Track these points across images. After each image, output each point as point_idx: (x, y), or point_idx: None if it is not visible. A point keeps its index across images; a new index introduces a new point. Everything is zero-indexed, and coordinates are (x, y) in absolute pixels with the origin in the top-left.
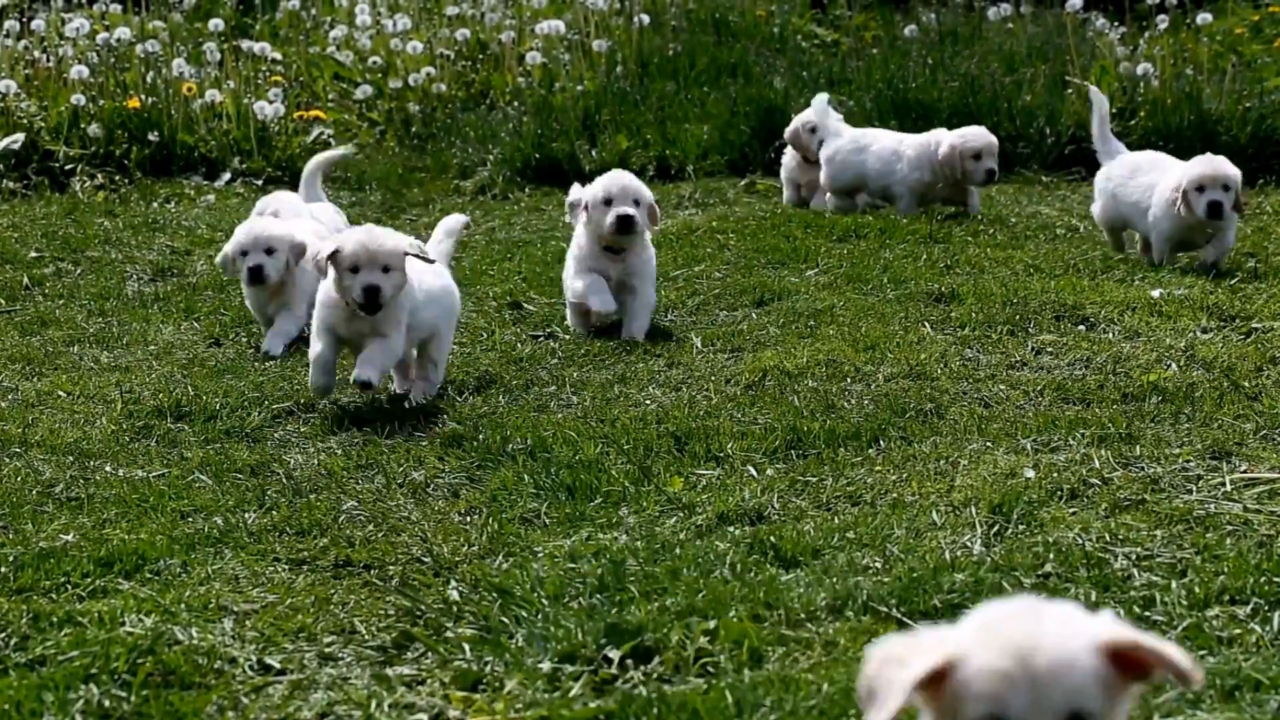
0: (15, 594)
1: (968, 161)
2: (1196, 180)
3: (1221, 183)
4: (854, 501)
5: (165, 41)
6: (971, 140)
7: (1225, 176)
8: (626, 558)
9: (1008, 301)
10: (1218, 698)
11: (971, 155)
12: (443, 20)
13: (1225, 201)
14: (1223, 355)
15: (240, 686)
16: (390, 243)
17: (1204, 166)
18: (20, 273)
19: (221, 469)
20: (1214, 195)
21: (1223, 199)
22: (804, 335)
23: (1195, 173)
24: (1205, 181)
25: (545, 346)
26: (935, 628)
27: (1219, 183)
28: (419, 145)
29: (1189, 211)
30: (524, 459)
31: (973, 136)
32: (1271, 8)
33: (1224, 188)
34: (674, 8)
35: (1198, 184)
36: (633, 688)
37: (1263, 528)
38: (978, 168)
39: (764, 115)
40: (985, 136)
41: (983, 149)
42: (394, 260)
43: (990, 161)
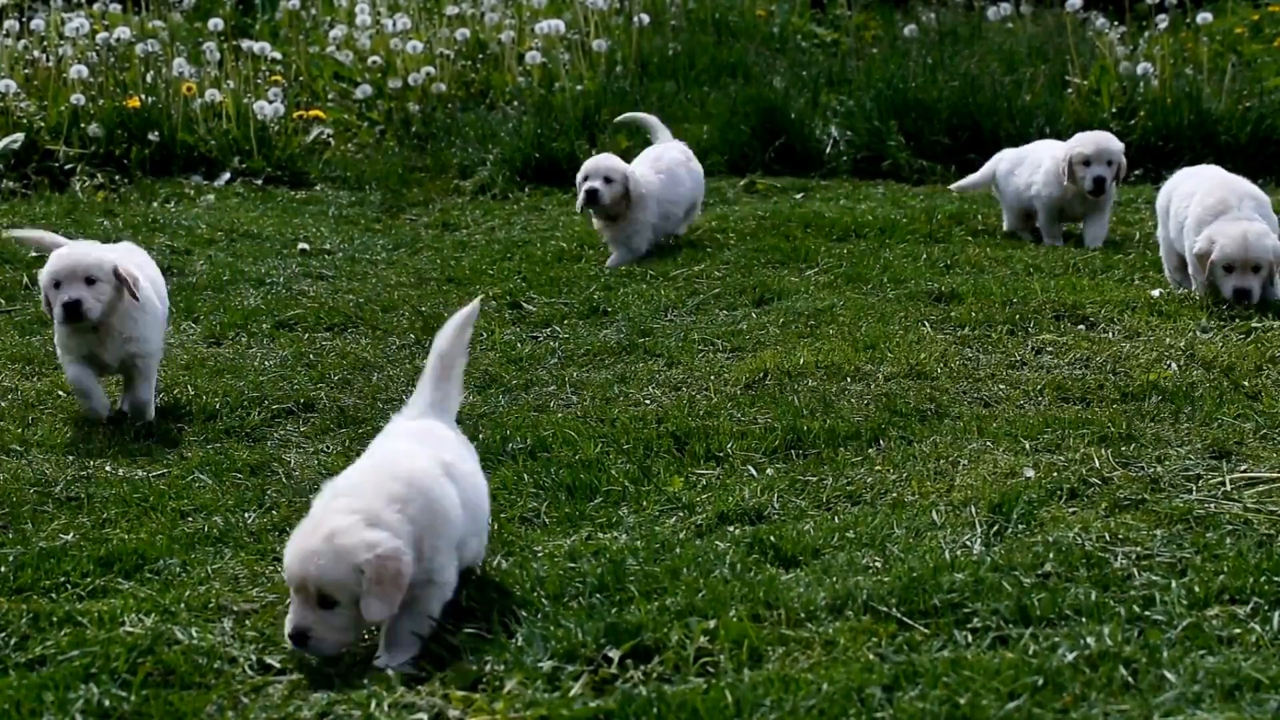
0: (15, 593)
1: (1078, 168)
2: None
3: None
4: (854, 501)
5: (165, 41)
6: (1080, 144)
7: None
8: (626, 557)
9: (1007, 301)
10: (1218, 697)
11: (1081, 161)
12: (442, 20)
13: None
14: (1222, 354)
15: (240, 686)
16: (93, 256)
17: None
18: (20, 272)
19: (221, 469)
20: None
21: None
22: (804, 335)
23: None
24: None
25: (545, 346)
26: None
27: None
28: (419, 145)
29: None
30: (524, 458)
31: (1083, 140)
32: (1271, 7)
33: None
34: (674, 7)
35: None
36: (632, 687)
37: (1262, 527)
38: (1086, 174)
39: (764, 115)
40: (1097, 140)
41: (1092, 154)
42: (98, 273)
43: (1099, 168)
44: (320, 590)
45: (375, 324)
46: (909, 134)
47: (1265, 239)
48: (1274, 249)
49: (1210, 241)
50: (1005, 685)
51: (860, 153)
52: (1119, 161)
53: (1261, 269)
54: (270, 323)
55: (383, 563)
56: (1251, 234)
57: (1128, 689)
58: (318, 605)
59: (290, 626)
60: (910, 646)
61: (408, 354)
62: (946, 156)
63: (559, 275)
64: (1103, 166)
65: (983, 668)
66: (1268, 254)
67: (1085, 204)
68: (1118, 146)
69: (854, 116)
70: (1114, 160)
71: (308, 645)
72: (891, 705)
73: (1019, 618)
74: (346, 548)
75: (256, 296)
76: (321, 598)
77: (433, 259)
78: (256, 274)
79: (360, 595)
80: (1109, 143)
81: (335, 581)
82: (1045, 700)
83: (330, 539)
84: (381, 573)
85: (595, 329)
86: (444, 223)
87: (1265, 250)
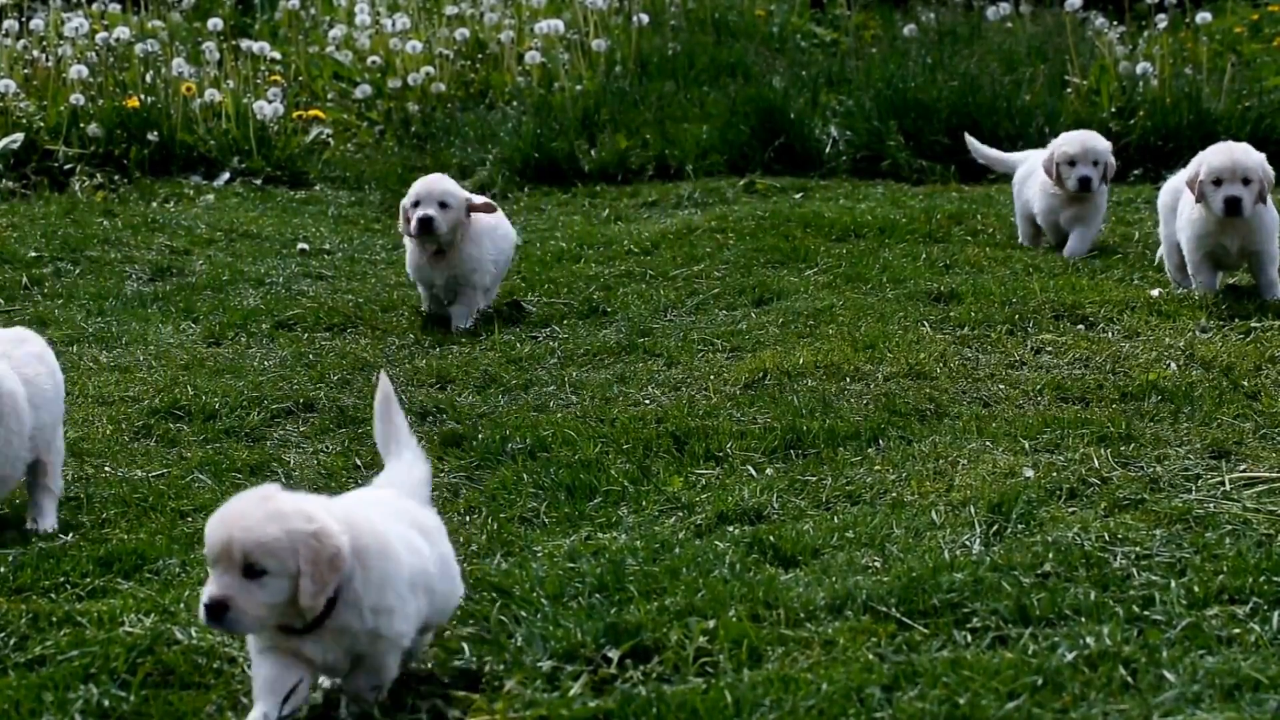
0: (15, 594)
1: (1063, 168)
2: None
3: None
4: (853, 501)
5: (164, 41)
6: (1064, 144)
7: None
8: (626, 557)
9: (1007, 301)
10: (1217, 697)
11: (1066, 161)
12: (442, 20)
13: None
14: (1222, 354)
15: (239, 686)
16: None
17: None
18: (19, 272)
19: (221, 469)
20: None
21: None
22: (803, 335)
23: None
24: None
25: (545, 346)
26: None
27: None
28: (418, 145)
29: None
30: (523, 459)
31: (1067, 140)
32: (1270, 7)
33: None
34: (673, 7)
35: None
36: (632, 687)
37: (1262, 527)
38: (1070, 175)
39: (763, 115)
40: (1082, 140)
41: (1077, 154)
42: None
43: (1085, 168)
44: (246, 556)
45: (375, 324)
46: (908, 134)
47: (1254, 153)
48: (1263, 165)
49: (1198, 164)
50: (1005, 685)
51: (860, 153)
52: (1106, 161)
53: (1252, 182)
54: (270, 323)
55: (319, 539)
56: (1239, 148)
57: (1127, 689)
58: (242, 574)
59: (206, 597)
60: (910, 646)
61: (407, 354)
62: (946, 156)
63: (558, 275)
64: (1088, 166)
65: (982, 668)
66: (1257, 167)
67: (1072, 208)
68: (1104, 145)
69: (853, 116)
70: (1100, 159)
71: (224, 619)
72: (891, 705)
73: (1018, 618)
74: (282, 512)
75: (256, 296)
76: (247, 566)
77: None
78: (256, 274)
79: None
80: (1094, 141)
81: (265, 545)
82: (1045, 700)
83: (264, 502)
84: (317, 550)
85: (595, 329)
86: None
87: (1254, 162)
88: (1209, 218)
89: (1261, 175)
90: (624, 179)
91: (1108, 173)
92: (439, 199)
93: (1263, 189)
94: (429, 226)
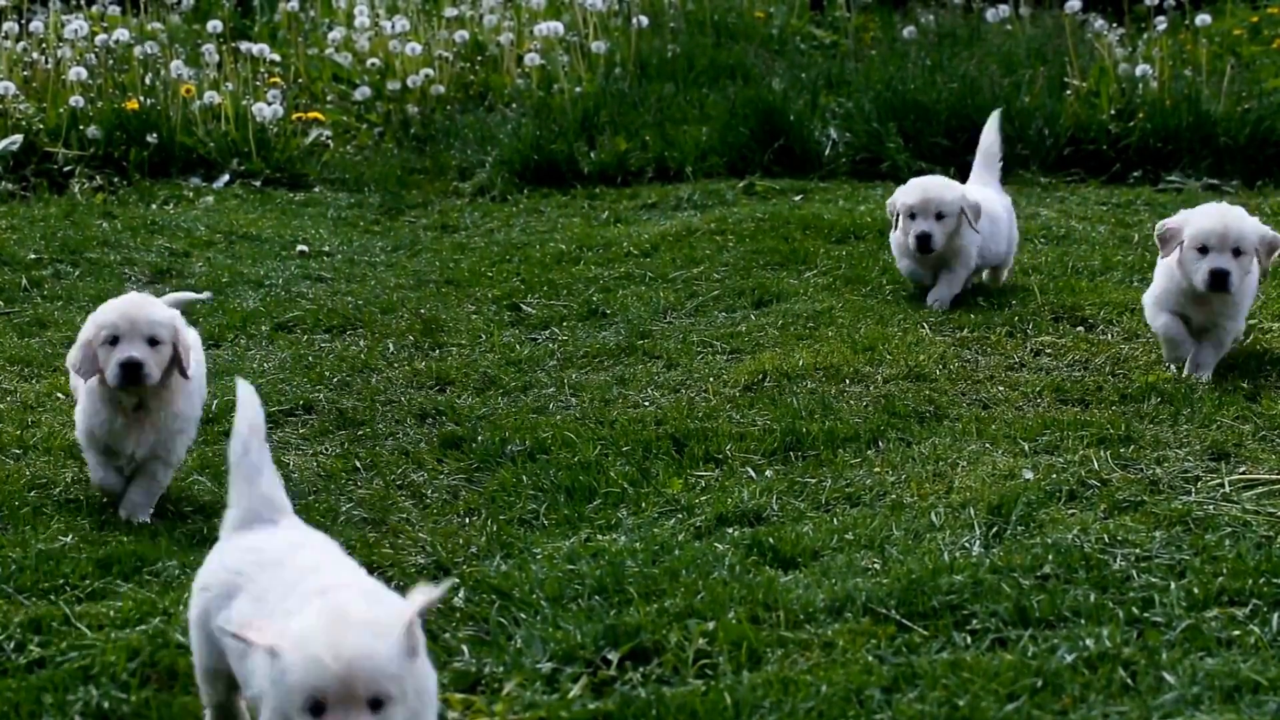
0: (14, 595)
1: (904, 221)
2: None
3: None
4: (853, 503)
5: (164, 43)
6: (903, 193)
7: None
8: (625, 559)
9: (1006, 303)
10: (1217, 699)
11: (906, 214)
12: (441, 22)
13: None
14: (1221, 356)
15: None
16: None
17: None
18: (19, 274)
19: (220, 470)
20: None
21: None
22: (803, 337)
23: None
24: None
25: (544, 348)
26: None
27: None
28: (418, 147)
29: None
30: (523, 460)
31: (907, 190)
32: (1270, 9)
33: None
34: (672, 9)
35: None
36: (632, 689)
37: (1261, 529)
38: (910, 229)
39: (763, 117)
40: (924, 188)
41: (916, 205)
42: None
43: (925, 223)
44: None
45: (374, 326)
46: (908, 135)
47: (1248, 220)
48: (1259, 233)
49: (1182, 220)
50: (1004, 687)
51: (859, 154)
52: (950, 214)
53: (1243, 254)
54: (269, 325)
55: None
56: (1233, 213)
57: (1127, 690)
58: None
59: None
60: (909, 648)
61: (406, 356)
62: (945, 158)
63: (558, 277)
64: (929, 220)
65: (982, 669)
66: (1251, 235)
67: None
68: (952, 195)
69: (853, 118)
70: (945, 212)
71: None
72: (890, 707)
73: (1018, 619)
74: None
75: (255, 298)
76: None
77: (432, 261)
78: (255, 276)
79: None
80: (940, 191)
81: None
82: (1044, 702)
83: None
84: None
85: (594, 331)
86: (443, 225)
87: (1249, 230)
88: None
89: (1255, 245)
90: (623, 181)
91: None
92: (147, 333)
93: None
94: (136, 375)
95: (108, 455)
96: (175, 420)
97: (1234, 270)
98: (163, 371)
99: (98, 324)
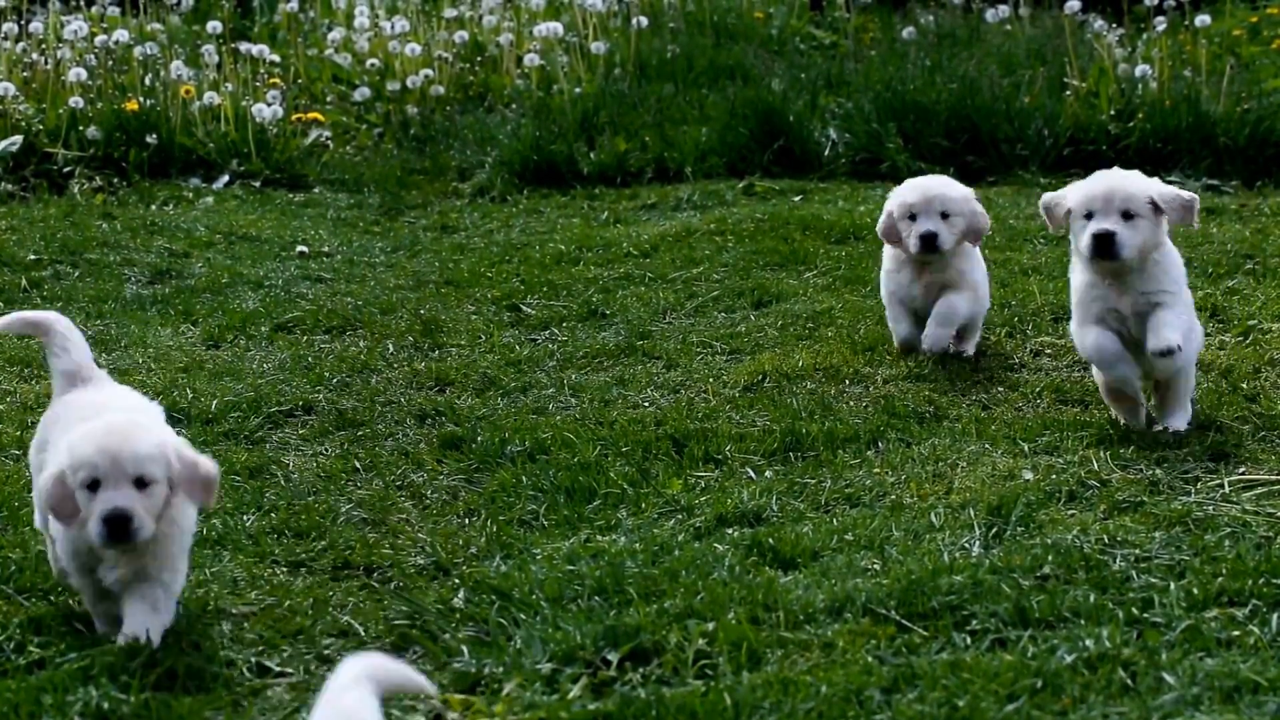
0: (14, 595)
1: (902, 225)
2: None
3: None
4: (852, 503)
5: (163, 44)
6: (903, 192)
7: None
8: (625, 560)
9: (1006, 303)
10: (1216, 699)
11: (905, 215)
12: (441, 22)
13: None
14: (1221, 357)
15: (239, 689)
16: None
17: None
18: (18, 275)
19: (220, 471)
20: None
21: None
22: (802, 337)
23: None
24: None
25: (543, 349)
26: None
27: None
28: (417, 147)
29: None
30: (522, 461)
31: (906, 189)
32: (1269, 9)
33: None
34: (672, 10)
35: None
36: (631, 690)
37: (1261, 529)
38: (911, 231)
39: (763, 117)
40: (925, 187)
41: (918, 204)
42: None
43: (928, 222)
44: None
45: (374, 327)
46: (907, 136)
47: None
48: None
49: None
50: (1004, 687)
51: (859, 155)
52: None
53: (1136, 216)
54: (269, 325)
55: None
56: (1118, 173)
57: (1126, 691)
58: None
59: None
60: (909, 649)
61: (406, 356)
62: (945, 159)
63: (557, 278)
64: (934, 219)
65: (981, 670)
66: (1139, 196)
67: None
68: (958, 193)
69: (852, 119)
70: (953, 211)
71: None
72: (890, 708)
73: (1018, 620)
74: None
75: (255, 299)
76: None
77: (431, 261)
78: (255, 277)
79: None
80: (944, 189)
81: None
82: (1044, 702)
83: None
84: None
85: (594, 331)
86: (442, 225)
87: (1134, 190)
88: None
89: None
90: (623, 181)
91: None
92: (134, 471)
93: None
94: (123, 530)
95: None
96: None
97: (1122, 232)
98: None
99: (73, 460)
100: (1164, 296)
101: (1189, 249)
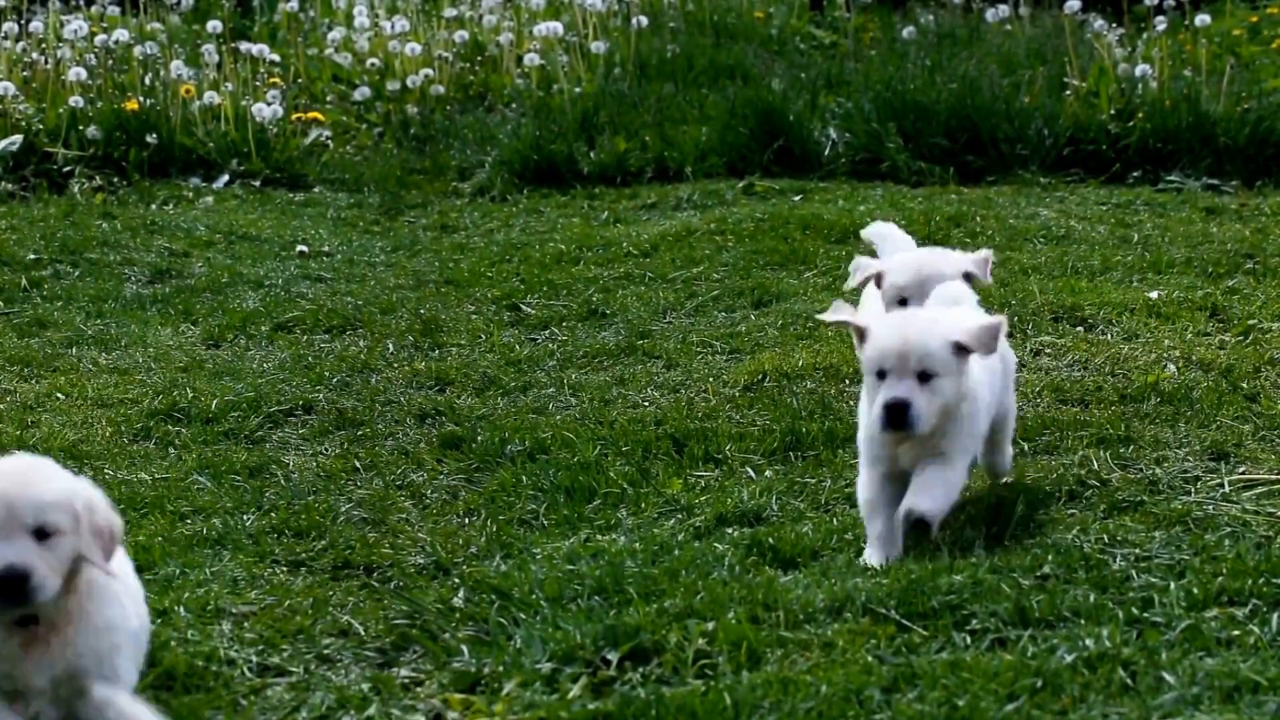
0: None
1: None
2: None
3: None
4: (852, 503)
5: (163, 43)
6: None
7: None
8: (625, 559)
9: (1006, 302)
10: (1216, 699)
11: (895, 299)
12: (441, 22)
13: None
14: (1221, 356)
15: (239, 688)
16: None
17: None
18: (18, 275)
19: (220, 471)
20: None
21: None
22: (802, 337)
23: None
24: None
25: (543, 348)
26: None
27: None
28: (417, 147)
29: None
30: (522, 461)
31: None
32: (1269, 9)
33: None
34: (672, 9)
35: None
36: (631, 689)
37: (1261, 529)
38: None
39: (762, 117)
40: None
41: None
42: None
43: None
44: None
45: (374, 326)
46: (907, 136)
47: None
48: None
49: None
50: (1004, 687)
51: (859, 154)
52: None
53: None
54: (269, 325)
55: None
56: (914, 325)
57: (1126, 691)
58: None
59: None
60: (909, 648)
61: (406, 356)
62: (945, 158)
63: (557, 277)
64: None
65: (981, 670)
66: (938, 351)
67: None
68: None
69: (852, 118)
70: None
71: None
72: (890, 707)
73: (1017, 619)
74: None
75: (255, 299)
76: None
77: (431, 261)
78: (255, 276)
79: None
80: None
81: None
82: (1044, 702)
83: None
84: None
85: (594, 331)
86: (442, 225)
87: (937, 344)
88: None
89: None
90: (623, 181)
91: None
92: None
93: None
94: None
95: None
96: (97, 636)
97: (918, 401)
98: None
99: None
100: (944, 453)
101: (1189, 249)
